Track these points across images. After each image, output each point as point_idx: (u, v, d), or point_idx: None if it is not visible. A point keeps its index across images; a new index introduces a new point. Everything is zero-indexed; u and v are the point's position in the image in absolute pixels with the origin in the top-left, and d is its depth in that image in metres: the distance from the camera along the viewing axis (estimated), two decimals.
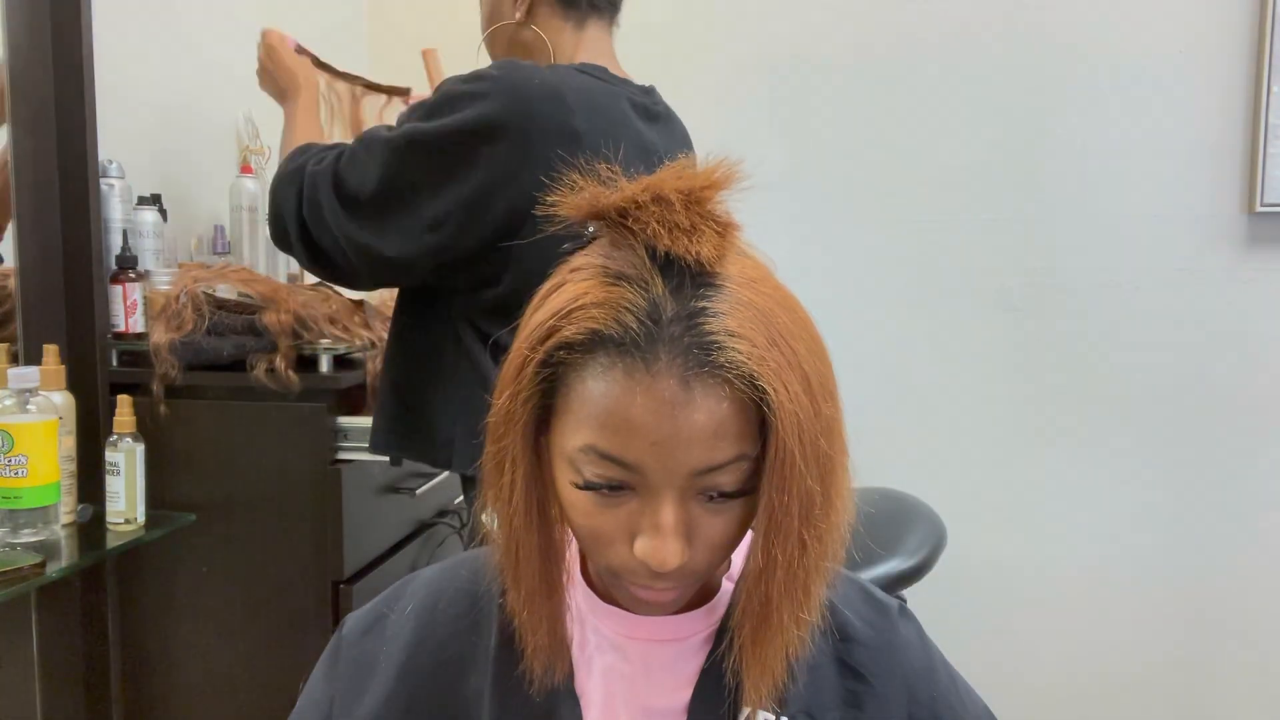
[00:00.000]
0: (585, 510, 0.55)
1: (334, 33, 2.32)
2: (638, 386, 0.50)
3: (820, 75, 2.20)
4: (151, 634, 1.43)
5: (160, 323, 1.37)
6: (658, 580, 0.55)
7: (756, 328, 0.52)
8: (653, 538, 0.53)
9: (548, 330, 0.53)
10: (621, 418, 0.51)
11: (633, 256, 0.53)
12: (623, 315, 0.51)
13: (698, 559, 0.55)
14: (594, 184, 0.54)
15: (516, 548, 0.59)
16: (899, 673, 0.65)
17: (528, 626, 0.60)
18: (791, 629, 0.56)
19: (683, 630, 0.63)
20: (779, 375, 0.51)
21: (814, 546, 0.54)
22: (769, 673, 0.57)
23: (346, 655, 0.68)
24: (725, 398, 0.51)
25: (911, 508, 1.68)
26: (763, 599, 0.55)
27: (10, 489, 1.18)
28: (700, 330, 0.51)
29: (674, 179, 0.53)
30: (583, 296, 0.52)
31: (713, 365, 0.50)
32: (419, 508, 1.68)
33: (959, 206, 2.18)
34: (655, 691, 0.62)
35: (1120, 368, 2.13)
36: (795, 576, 0.54)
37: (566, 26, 1.25)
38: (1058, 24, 2.11)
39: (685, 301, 0.52)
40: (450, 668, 0.65)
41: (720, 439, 0.51)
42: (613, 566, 0.57)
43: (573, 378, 0.53)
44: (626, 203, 0.53)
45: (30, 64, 1.34)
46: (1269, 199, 2.03)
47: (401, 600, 0.69)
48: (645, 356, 0.51)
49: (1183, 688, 2.16)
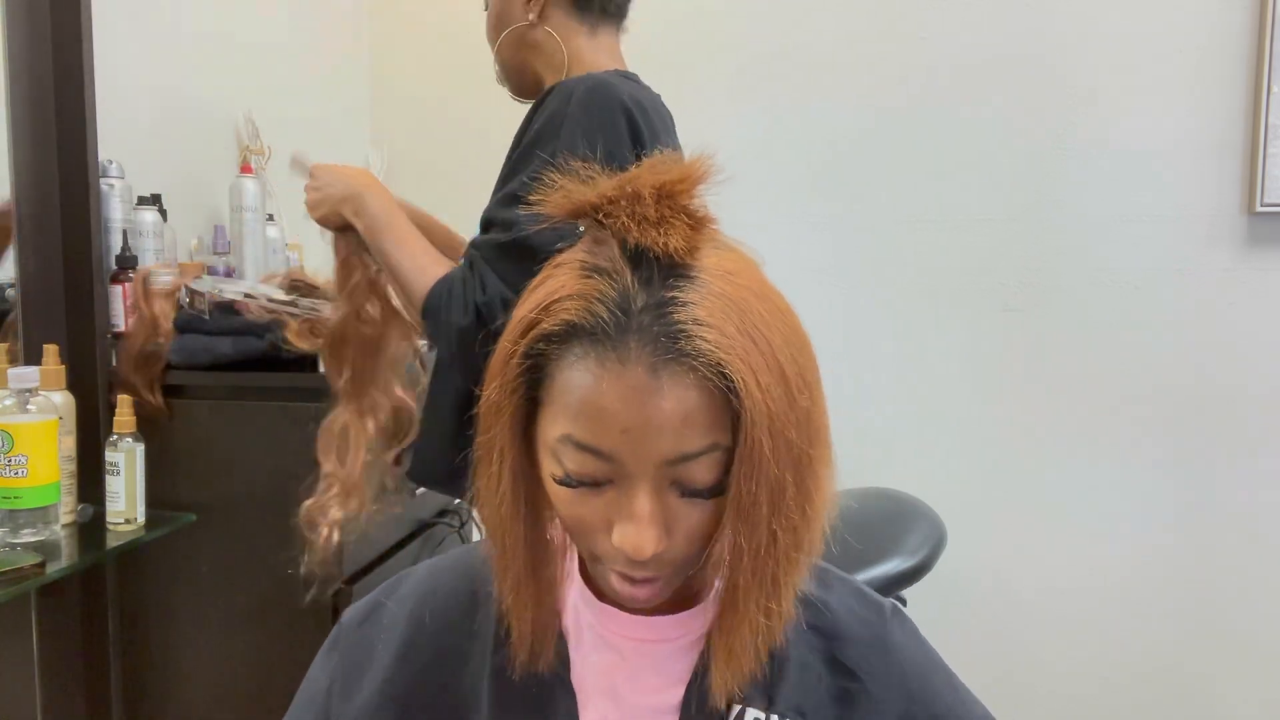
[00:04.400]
0: (568, 500, 0.56)
1: (334, 28, 2.32)
2: (608, 375, 0.52)
3: (819, 75, 2.20)
4: (151, 634, 1.43)
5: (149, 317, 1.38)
6: (637, 569, 0.56)
7: (727, 318, 0.52)
8: (629, 525, 0.54)
9: (528, 323, 0.55)
10: (595, 406, 0.52)
11: (610, 251, 0.54)
12: (594, 306, 0.53)
13: (676, 549, 0.56)
14: (574, 183, 0.55)
15: (503, 536, 0.60)
16: (893, 672, 0.65)
17: (513, 613, 0.61)
18: (759, 619, 0.56)
19: (675, 631, 0.64)
20: (748, 365, 0.51)
21: (784, 538, 0.54)
22: (735, 660, 0.58)
23: (345, 642, 0.69)
24: (693, 385, 0.51)
25: (911, 508, 1.68)
26: (730, 586, 0.56)
27: (10, 489, 1.18)
28: (669, 319, 0.52)
29: (649, 174, 0.54)
30: (559, 290, 0.54)
31: (679, 353, 0.51)
32: (419, 508, 1.68)
33: (959, 206, 2.18)
34: (648, 690, 0.63)
35: (1120, 368, 2.13)
36: (764, 566, 0.54)
37: (581, 29, 1.26)
38: (1058, 25, 2.11)
39: (655, 292, 0.53)
40: (448, 657, 0.65)
41: (689, 427, 0.52)
42: (595, 555, 0.58)
43: (552, 369, 0.54)
44: (600, 199, 0.54)
45: (30, 64, 1.34)
46: (1269, 199, 2.03)
47: (400, 590, 0.70)
48: (616, 345, 0.52)
49: (1182, 688, 2.16)
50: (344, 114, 2.37)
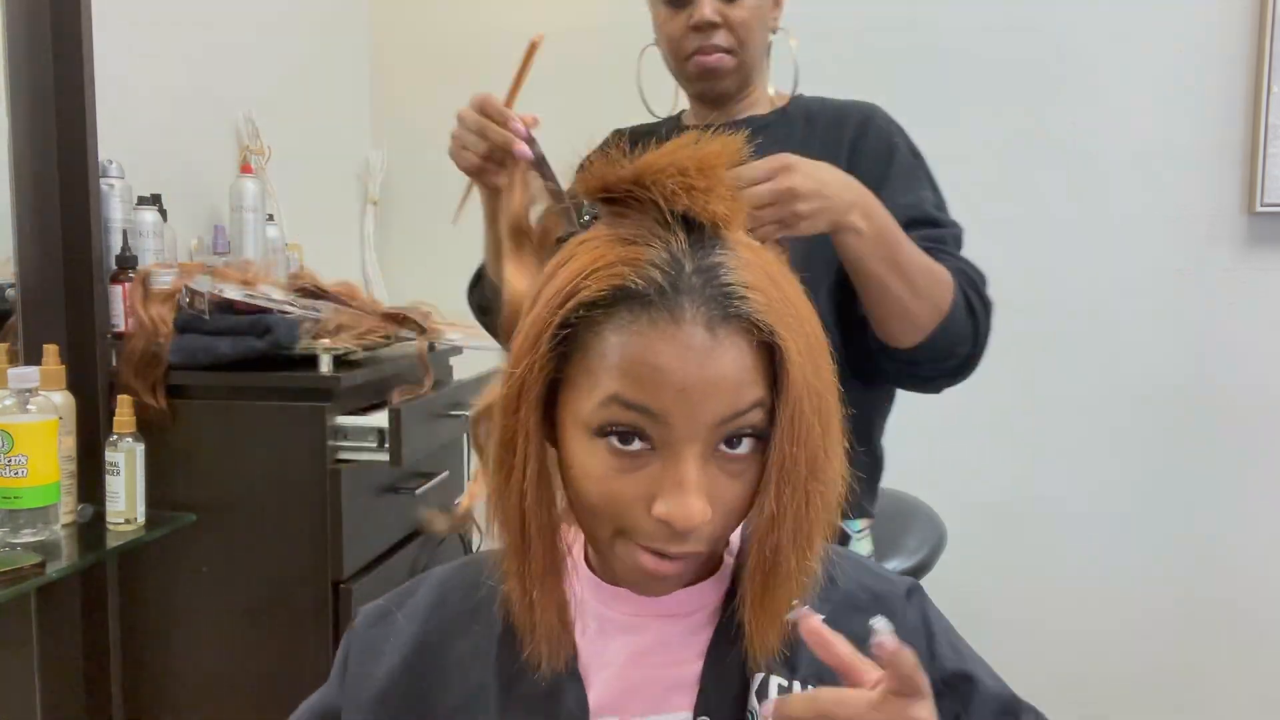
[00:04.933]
0: (601, 476, 0.55)
1: (334, 28, 2.32)
2: (664, 335, 0.52)
3: (818, 74, 2.20)
4: (151, 634, 1.43)
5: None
6: (674, 543, 0.55)
7: (768, 285, 0.55)
8: (676, 495, 0.53)
9: (567, 294, 0.54)
10: (650, 365, 0.52)
11: (644, 220, 0.55)
12: (645, 269, 0.53)
13: (715, 522, 0.56)
14: (603, 163, 0.57)
15: (525, 528, 0.58)
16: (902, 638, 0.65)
17: (538, 606, 0.60)
18: (798, 577, 0.57)
19: (692, 604, 0.64)
20: (789, 329, 0.54)
21: (816, 500, 0.56)
22: (775, 622, 0.58)
23: (356, 646, 0.69)
24: (745, 346, 0.53)
25: (911, 508, 1.68)
26: (773, 548, 0.56)
27: (10, 489, 1.18)
28: (721, 281, 0.53)
29: (689, 149, 0.56)
30: (598, 260, 0.54)
31: (735, 313, 0.53)
32: (419, 508, 1.68)
33: (958, 206, 2.17)
34: (668, 667, 0.63)
35: (1120, 368, 2.13)
36: (801, 527, 0.56)
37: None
38: (1058, 24, 2.11)
39: (702, 257, 0.54)
40: (456, 665, 0.65)
41: (743, 386, 0.53)
42: (627, 531, 0.56)
43: (589, 337, 0.54)
44: (642, 171, 0.55)
45: (30, 64, 1.34)
46: (1269, 199, 2.03)
47: (412, 598, 0.70)
48: (670, 306, 0.53)
49: (1181, 687, 2.16)
50: (344, 114, 2.37)
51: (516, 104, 0.92)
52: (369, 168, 2.37)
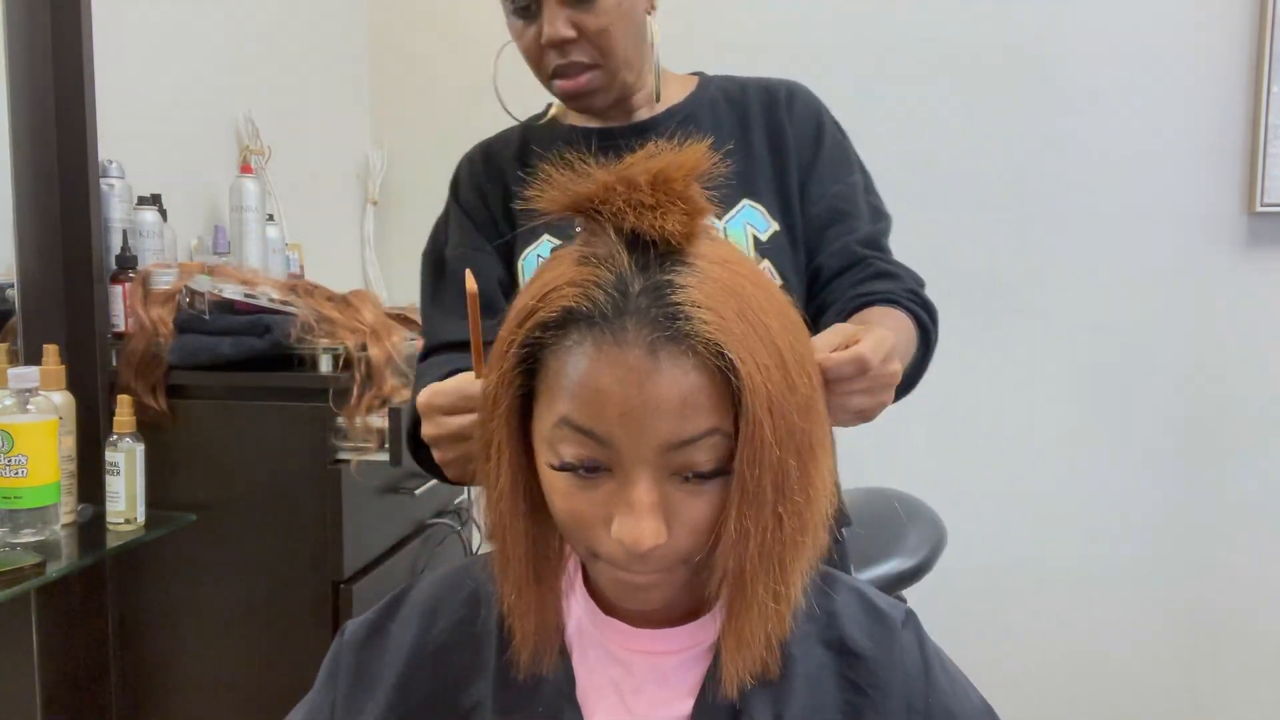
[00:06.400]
0: (564, 492, 0.55)
1: (334, 29, 2.32)
2: (605, 357, 0.51)
3: (819, 75, 2.20)
4: (151, 634, 1.43)
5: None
6: (636, 565, 0.54)
7: (725, 302, 0.52)
8: (628, 517, 0.53)
9: (527, 312, 0.55)
10: (592, 389, 0.52)
11: (606, 239, 0.54)
12: (591, 291, 0.52)
13: (678, 542, 0.54)
14: (568, 178, 0.55)
15: (504, 533, 0.59)
16: (897, 684, 0.64)
17: (516, 612, 0.60)
18: (768, 603, 0.55)
19: (683, 642, 0.63)
20: (747, 347, 0.51)
21: (790, 522, 0.54)
22: (745, 647, 0.57)
23: (345, 664, 0.68)
24: (691, 367, 0.51)
25: (911, 508, 1.68)
26: (736, 571, 0.54)
27: (10, 489, 1.18)
28: (666, 301, 0.52)
29: (644, 163, 0.54)
30: (557, 279, 0.54)
31: (677, 333, 0.51)
32: (419, 508, 1.68)
33: (958, 206, 2.18)
34: (656, 703, 0.62)
35: (1120, 367, 2.13)
36: (770, 550, 0.54)
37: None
38: (1058, 24, 2.11)
39: (652, 276, 0.53)
40: (451, 680, 0.65)
41: (689, 410, 0.51)
42: (594, 552, 0.56)
43: (548, 357, 0.54)
44: (598, 189, 0.54)
45: (30, 64, 1.34)
46: (1269, 199, 2.03)
47: (402, 610, 0.69)
48: (613, 328, 0.51)
49: (1181, 687, 2.16)
50: (344, 114, 2.37)
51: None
52: (369, 168, 2.37)
